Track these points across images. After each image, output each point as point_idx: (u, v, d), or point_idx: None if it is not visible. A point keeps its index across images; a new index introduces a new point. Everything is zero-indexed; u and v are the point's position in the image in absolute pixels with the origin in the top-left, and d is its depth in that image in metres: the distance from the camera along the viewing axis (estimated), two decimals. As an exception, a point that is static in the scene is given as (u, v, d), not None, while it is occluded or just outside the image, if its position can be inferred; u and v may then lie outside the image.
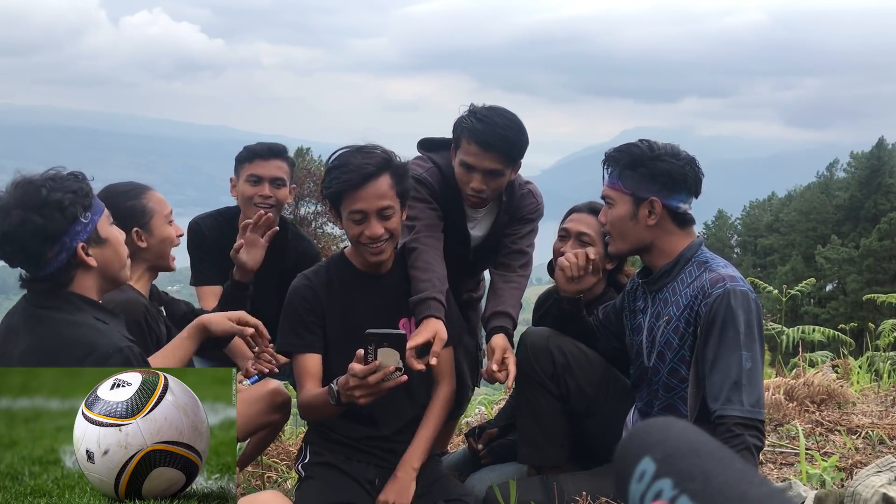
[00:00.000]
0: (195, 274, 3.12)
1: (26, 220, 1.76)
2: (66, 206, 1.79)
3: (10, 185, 1.82)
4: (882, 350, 4.83)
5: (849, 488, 2.11)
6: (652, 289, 2.29)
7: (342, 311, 2.36)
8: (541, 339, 2.41)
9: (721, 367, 2.04)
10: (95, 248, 1.86)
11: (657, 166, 2.19)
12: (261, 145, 3.14)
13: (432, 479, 2.34)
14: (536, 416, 2.41)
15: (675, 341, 2.19)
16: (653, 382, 2.27)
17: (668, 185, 2.19)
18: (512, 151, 2.54)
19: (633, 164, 2.21)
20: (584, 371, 2.39)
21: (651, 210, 2.20)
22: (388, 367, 1.93)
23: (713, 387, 2.04)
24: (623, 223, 2.24)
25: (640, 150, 2.23)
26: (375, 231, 2.25)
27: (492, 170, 2.53)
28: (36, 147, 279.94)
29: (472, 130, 2.51)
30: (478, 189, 2.56)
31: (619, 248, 2.32)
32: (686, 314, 2.16)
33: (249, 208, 3.03)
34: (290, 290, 2.40)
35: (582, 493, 2.22)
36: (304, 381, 2.29)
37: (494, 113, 2.54)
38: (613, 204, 2.26)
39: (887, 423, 3.06)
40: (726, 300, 2.06)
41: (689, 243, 2.24)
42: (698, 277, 2.17)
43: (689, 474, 0.68)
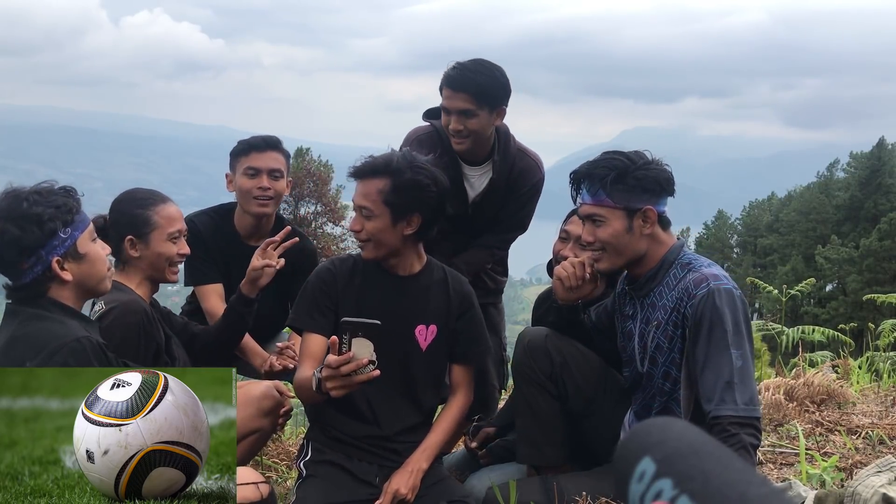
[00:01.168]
0: (192, 273, 3.04)
1: (4, 231, 1.85)
2: (44, 220, 1.87)
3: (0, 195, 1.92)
4: (882, 350, 4.84)
5: (849, 488, 2.11)
6: (639, 294, 2.28)
7: (356, 304, 2.35)
8: (538, 339, 2.40)
9: (712, 367, 2.04)
10: (72, 262, 1.93)
11: (645, 175, 2.17)
12: (256, 138, 3.08)
13: (433, 480, 2.34)
14: (535, 416, 2.41)
15: (665, 345, 2.19)
16: (648, 387, 2.27)
17: (656, 192, 2.18)
18: (484, 91, 2.77)
19: (620, 178, 2.16)
20: (583, 371, 2.39)
21: (645, 219, 2.18)
22: (362, 359, 1.93)
23: (705, 388, 2.04)
24: (620, 238, 2.19)
25: (623, 161, 2.19)
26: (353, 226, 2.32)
27: (463, 109, 2.77)
28: (36, 147, 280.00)
29: (446, 76, 2.80)
30: (455, 129, 2.80)
31: (614, 264, 2.25)
32: (673, 317, 2.16)
33: (248, 202, 3.00)
34: (314, 271, 2.44)
35: (582, 494, 2.22)
36: (304, 360, 2.31)
37: (470, 61, 2.81)
38: (605, 221, 2.20)
39: (887, 424, 3.06)
40: (711, 300, 2.06)
41: (671, 246, 2.23)
42: (682, 279, 2.16)
43: (689, 474, 0.68)
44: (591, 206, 2.21)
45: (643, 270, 2.24)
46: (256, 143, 3.04)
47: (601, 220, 2.20)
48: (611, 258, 2.24)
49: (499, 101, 2.83)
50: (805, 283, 6.16)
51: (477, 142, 2.87)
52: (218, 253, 3.04)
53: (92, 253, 1.97)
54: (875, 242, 28.70)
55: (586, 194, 2.23)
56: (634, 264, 2.25)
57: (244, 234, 3.09)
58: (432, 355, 2.40)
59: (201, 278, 3.03)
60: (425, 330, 2.39)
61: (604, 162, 2.21)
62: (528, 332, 2.46)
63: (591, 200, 2.21)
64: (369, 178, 2.27)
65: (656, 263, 2.22)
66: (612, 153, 2.25)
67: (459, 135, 2.81)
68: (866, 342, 5.02)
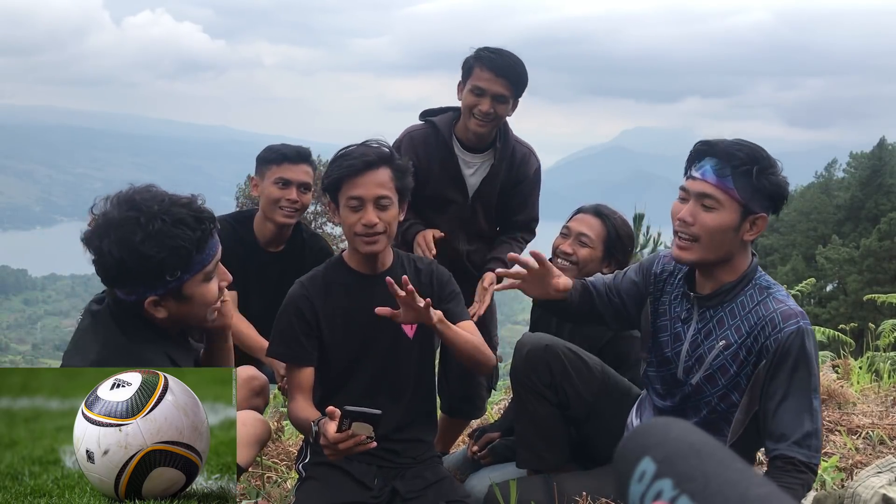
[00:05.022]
0: None
1: (110, 253, 1.69)
2: (154, 263, 1.69)
3: (124, 202, 1.74)
4: (882, 350, 4.83)
5: (849, 489, 2.11)
6: (706, 303, 2.11)
7: (341, 315, 2.35)
8: (537, 348, 2.35)
9: (791, 407, 1.98)
10: (172, 302, 1.77)
11: (778, 182, 2.01)
12: (289, 148, 3.09)
13: (433, 479, 2.34)
14: (535, 423, 2.39)
15: (733, 369, 2.07)
16: (693, 399, 2.17)
17: (776, 203, 2.03)
18: (519, 80, 2.91)
19: (759, 173, 1.98)
20: (583, 377, 2.36)
21: (753, 225, 2.02)
22: (360, 436, 1.96)
23: (781, 426, 1.98)
24: (724, 232, 2.00)
25: (766, 158, 2.00)
26: (371, 218, 2.24)
27: (500, 94, 2.87)
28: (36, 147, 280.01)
29: (486, 59, 2.88)
30: (485, 111, 2.88)
31: (703, 258, 2.05)
32: (749, 343, 2.04)
33: (274, 211, 3.01)
34: (286, 297, 2.39)
35: (582, 494, 2.21)
36: (295, 393, 2.31)
37: (505, 50, 2.93)
38: (717, 208, 1.99)
39: (887, 424, 3.06)
40: (801, 339, 1.98)
41: (750, 262, 2.10)
42: (762, 304, 2.04)
43: (690, 475, 0.67)
44: (712, 187, 1.99)
45: (721, 279, 2.09)
46: (290, 155, 3.04)
47: (715, 205, 2.00)
48: (702, 250, 2.04)
49: (523, 92, 2.98)
50: (805, 282, 6.16)
51: (495, 127, 2.98)
52: (235, 260, 3.05)
53: (197, 295, 1.80)
54: (875, 242, 28.67)
55: (710, 172, 2.00)
56: (714, 267, 2.08)
57: (263, 241, 3.10)
58: (420, 342, 2.40)
59: None
60: (411, 328, 2.38)
61: (746, 149, 2.00)
62: (528, 340, 2.40)
63: (716, 181, 1.99)
64: (376, 168, 2.26)
65: (736, 277, 2.08)
66: (751, 144, 2.03)
67: (487, 117, 2.90)
68: (866, 342, 5.02)
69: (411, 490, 2.30)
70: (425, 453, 2.42)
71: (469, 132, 2.97)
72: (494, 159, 3.03)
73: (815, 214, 35.71)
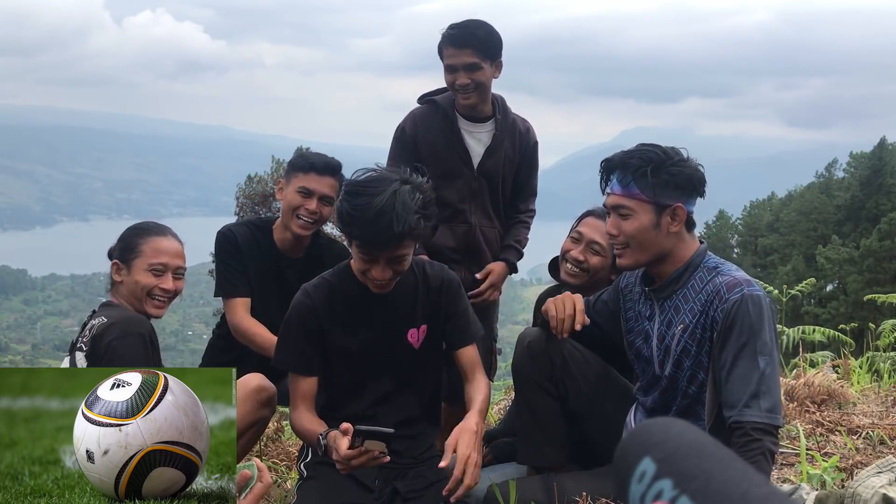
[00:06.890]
0: (222, 284, 3.03)
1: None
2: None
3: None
4: (882, 350, 4.83)
5: (849, 489, 2.11)
6: (660, 296, 2.22)
7: (347, 325, 2.35)
8: (538, 340, 2.39)
9: (738, 373, 2.01)
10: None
11: (680, 171, 2.11)
12: (319, 158, 3.05)
13: (434, 479, 2.34)
14: (535, 417, 2.41)
15: (693, 348, 2.14)
16: (669, 389, 2.23)
17: (688, 191, 2.13)
18: (483, 44, 3.02)
19: (655, 171, 2.10)
20: (583, 372, 2.38)
21: (673, 217, 2.13)
22: (372, 451, 1.97)
23: (730, 393, 2.01)
24: (646, 234, 2.13)
25: (659, 155, 2.12)
26: (384, 276, 2.20)
27: (469, 63, 3.01)
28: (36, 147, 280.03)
29: (447, 36, 3.05)
30: (463, 84, 3.02)
31: (638, 260, 2.18)
32: (702, 320, 2.11)
33: (292, 219, 2.99)
34: (291, 305, 2.37)
35: (582, 493, 2.21)
36: (297, 402, 2.31)
37: (465, 20, 3.08)
38: (631, 214, 2.13)
39: (888, 424, 3.06)
40: (743, 305, 2.03)
41: (696, 248, 2.19)
42: (710, 282, 2.12)
43: (690, 475, 0.67)
44: (620, 197, 2.15)
45: (667, 270, 2.19)
46: (318, 165, 3.01)
47: (628, 212, 2.14)
48: (634, 254, 2.17)
49: (497, 53, 3.09)
50: (805, 283, 6.16)
51: (482, 96, 3.10)
52: (253, 265, 3.04)
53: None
54: (875, 242, 28.66)
55: (616, 184, 2.15)
56: (657, 263, 2.19)
57: (282, 247, 3.10)
58: (426, 352, 2.40)
59: (230, 290, 3.01)
60: (416, 332, 2.38)
61: (639, 153, 2.14)
62: (528, 333, 2.44)
63: (621, 191, 2.14)
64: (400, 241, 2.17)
65: (681, 265, 2.17)
66: (648, 145, 2.17)
67: (466, 89, 3.04)
68: (867, 342, 5.02)
69: (412, 490, 2.30)
70: (426, 453, 2.43)
71: (462, 108, 3.13)
72: (496, 129, 3.17)
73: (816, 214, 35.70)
